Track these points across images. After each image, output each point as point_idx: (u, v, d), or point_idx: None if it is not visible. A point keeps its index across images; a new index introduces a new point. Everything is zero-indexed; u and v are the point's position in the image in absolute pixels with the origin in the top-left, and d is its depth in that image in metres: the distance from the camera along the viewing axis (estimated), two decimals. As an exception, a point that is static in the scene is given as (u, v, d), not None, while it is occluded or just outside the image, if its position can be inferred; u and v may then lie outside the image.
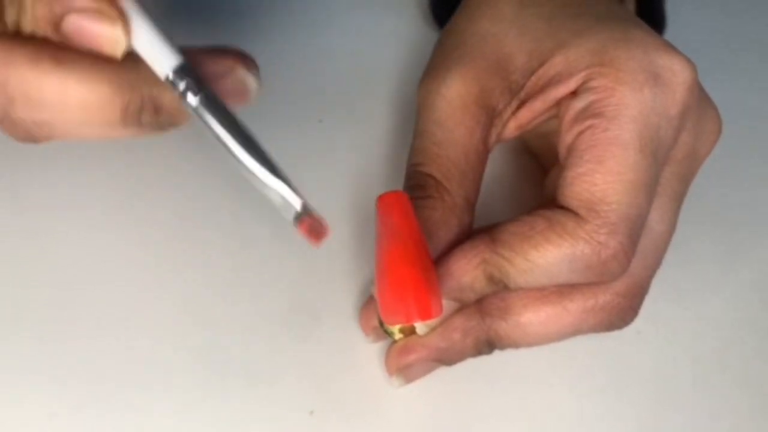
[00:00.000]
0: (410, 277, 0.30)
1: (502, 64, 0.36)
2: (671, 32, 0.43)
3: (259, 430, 0.34)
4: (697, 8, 0.48)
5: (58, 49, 0.27)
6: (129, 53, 0.28)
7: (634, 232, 0.32)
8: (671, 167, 0.34)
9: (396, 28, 0.46)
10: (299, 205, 0.29)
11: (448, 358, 0.35)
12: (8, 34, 0.27)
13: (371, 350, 0.36)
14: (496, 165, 0.40)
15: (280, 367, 0.35)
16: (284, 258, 0.38)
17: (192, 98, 0.28)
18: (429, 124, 0.36)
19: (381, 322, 0.35)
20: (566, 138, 0.34)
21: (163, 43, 0.28)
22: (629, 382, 0.36)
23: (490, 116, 0.36)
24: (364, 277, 0.37)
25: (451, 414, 0.35)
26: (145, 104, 0.28)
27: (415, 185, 0.35)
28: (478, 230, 0.34)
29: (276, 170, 0.29)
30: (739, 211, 0.41)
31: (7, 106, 0.27)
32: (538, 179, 0.39)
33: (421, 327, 0.34)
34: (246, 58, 0.30)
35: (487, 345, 0.35)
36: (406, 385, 0.35)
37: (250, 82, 0.30)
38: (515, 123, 0.36)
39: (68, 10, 0.26)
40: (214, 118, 0.28)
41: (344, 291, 0.37)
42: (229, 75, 0.29)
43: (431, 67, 0.38)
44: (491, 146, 0.36)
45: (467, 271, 0.33)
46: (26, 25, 0.27)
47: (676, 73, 0.33)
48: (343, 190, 0.39)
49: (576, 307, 0.34)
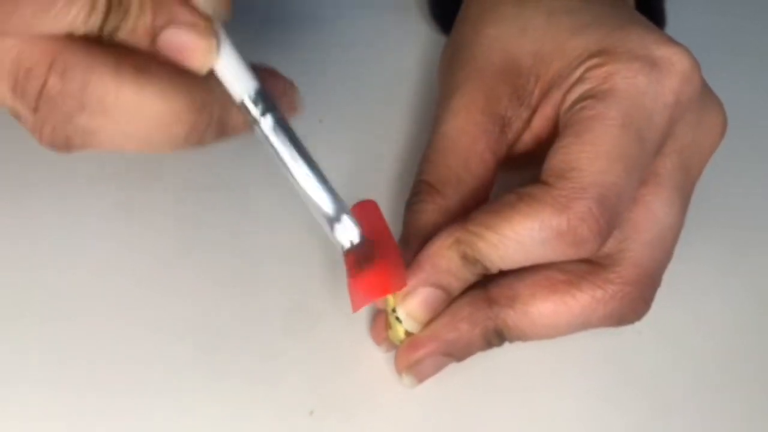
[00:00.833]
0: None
1: (509, 68, 0.36)
2: (671, 32, 0.43)
3: (259, 430, 0.34)
4: (697, 8, 0.48)
5: (140, 60, 0.27)
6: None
7: (607, 199, 0.31)
8: (671, 158, 0.34)
9: (396, 28, 0.46)
10: (357, 236, 0.30)
11: (457, 350, 0.34)
12: (93, 39, 0.26)
13: (371, 350, 0.36)
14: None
15: (280, 367, 0.35)
16: (284, 258, 0.38)
17: (265, 123, 0.28)
18: (435, 135, 0.37)
19: (388, 334, 0.35)
20: (560, 126, 0.34)
21: (243, 67, 0.28)
22: (629, 383, 0.36)
23: (498, 124, 0.36)
24: (364, 277, 0.37)
25: (450, 415, 0.35)
26: (213, 123, 0.28)
27: (412, 192, 0.36)
28: None
29: (338, 200, 0.30)
30: (741, 212, 0.41)
31: (75, 111, 0.26)
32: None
33: (408, 323, 0.34)
34: (290, 80, 0.31)
35: (496, 335, 0.34)
36: (418, 385, 0.34)
37: (300, 101, 0.30)
38: (530, 134, 0.36)
39: (170, 23, 0.26)
40: (285, 142, 0.29)
41: (344, 291, 0.37)
42: (287, 95, 0.30)
43: (444, 84, 0.38)
44: (501, 155, 0.36)
45: (441, 253, 0.33)
46: (122, 33, 0.26)
47: (674, 63, 0.33)
48: (343, 190, 0.39)
49: (585, 296, 0.34)
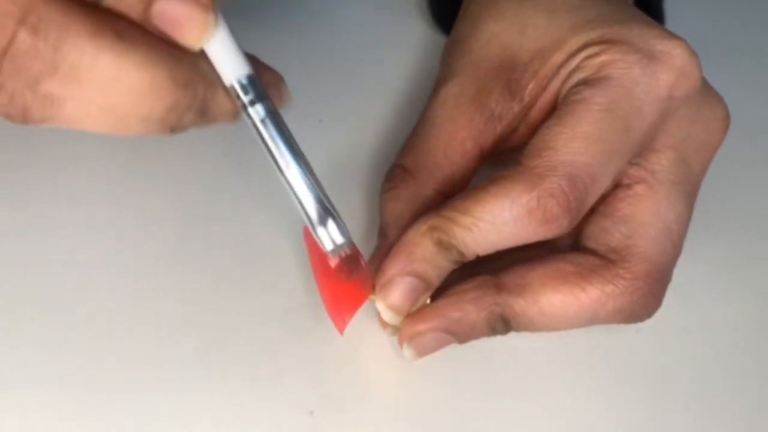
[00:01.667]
0: (330, 286, 0.32)
1: (505, 64, 0.36)
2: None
3: (259, 430, 0.34)
4: (696, 7, 0.48)
5: (122, 24, 0.24)
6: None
7: (578, 178, 0.31)
8: (666, 154, 0.34)
9: (396, 27, 0.46)
10: (341, 241, 0.30)
11: (460, 330, 0.34)
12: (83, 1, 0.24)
13: (371, 350, 0.36)
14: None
15: (280, 367, 0.35)
16: (284, 258, 0.38)
17: (256, 110, 0.27)
18: (419, 122, 0.37)
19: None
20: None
21: (237, 50, 0.26)
22: (629, 382, 0.36)
23: (485, 115, 0.36)
24: (364, 277, 0.37)
25: (450, 414, 0.35)
26: (194, 104, 0.26)
27: (386, 179, 0.36)
28: None
29: (325, 196, 0.29)
30: (742, 213, 0.41)
31: (44, 75, 0.24)
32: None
33: (387, 315, 0.34)
34: (279, 73, 0.29)
35: (502, 322, 0.34)
36: (418, 359, 0.34)
37: (290, 95, 0.29)
38: (526, 126, 0.36)
39: None
40: (275, 132, 0.28)
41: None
42: (277, 88, 0.29)
43: (438, 78, 0.38)
44: (487, 148, 0.36)
45: (416, 241, 0.33)
46: None
47: (673, 57, 0.33)
48: (343, 190, 0.39)
49: (595, 289, 0.34)
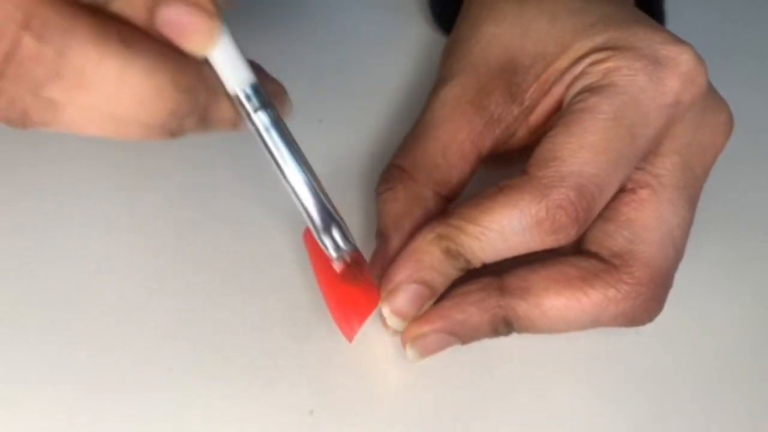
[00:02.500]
0: (335, 294, 0.32)
1: (506, 66, 0.36)
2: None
3: (259, 430, 0.34)
4: (697, 8, 0.48)
5: (126, 30, 0.24)
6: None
7: (586, 189, 0.32)
8: (670, 158, 0.34)
9: (396, 27, 0.46)
10: (346, 247, 0.31)
11: (463, 332, 0.34)
12: (79, 3, 0.24)
13: (371, 350, 0.36)
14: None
15: (280, 367, 0.35)
16: (284, 258, 0.38)
17: (260, 118, 0.27)
18: (418, 122, 0.37)
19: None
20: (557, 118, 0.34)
21: (240, 59, 0.26)
22: (629, 383, 0.36)
23: (484, 118, 0.35)
24: (363, 277, 0.37)
25: (450, 414, 0.35)
26: (196, 110, 0.26)
27: (382, 179, 0.36)
28: None
29: (330, 205, 0.30)
30: (743, 214, 0.41)
31: (47, 80, 0.23)
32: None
33: (393, 321, 0.34)
34: (281, 84, 0.29)
35: (505, 324, 0.34)
36: (421, 360, 0.34)
37: (290, 108, 0.29)
38: (527, 129, 0.36)
39: None
40: (280, 140, 0.28)
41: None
42: (279, 97, 0.29)
43: (438, 79, 0.38)
44: (486, 150, 0.36)
45: (423, 248, 0.33)
46: (118, 2, 0.24)
47: (679, 63, 0.33)
48: (343, 190, 0.39)
49: (597, 293, 0.34)
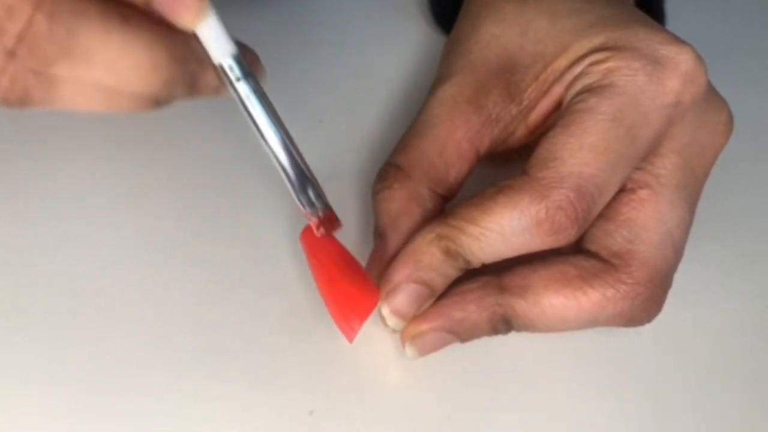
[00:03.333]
0: (336, 293, 0.33)
1: (505, 66, 0.36)
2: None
3: (259, 430, 0.34)
4: (698, 7, 0.48)
5: (125, 8, 0.27)
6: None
7: (586, 189, 0.32)
8: (670, 158, 0.34)
9: (396, 27, 0.46)
10: (320, 205, 0.32)
11: (462, 330, 0.34)
12: None
13: (371, 350, 0.36)
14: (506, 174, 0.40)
15: (280, 367, 0.35)
16: (284, 258, 0.38)
17: (243, 86, 0.30)
18: (415, 121, 0.37)
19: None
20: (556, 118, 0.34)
21: (225, 33, 0.29)
22: (629, 383, 0.36)
23: (482, 117, 0.35)
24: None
25: (450, 414, 0.35)
26: (185, 80, 0.28)
27: (378, 177, 0.36)
28: None
29: (305, 165, 0.31)
30: (744, 214, 0.41)
31: (57, 58, 0.26)
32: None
33: (392, 320, 0.34)
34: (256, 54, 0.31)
35: (504, 322, 0.34)
36: (420, 358, 0.34)
37: (264, 71, 0.31)
38: (525, 128, 0.36)
39: None
40: (260, 106, 0.30)
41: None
42: (255, 65, 0.30)
43: (436, 78, 0.38)
44: (483, 149, 0.36)
45: (423, 249, 0.33)
46: None
47: (679, 63, 0.33)
48: (343, 191, 0.39)
49: (596, 293, 0.34)
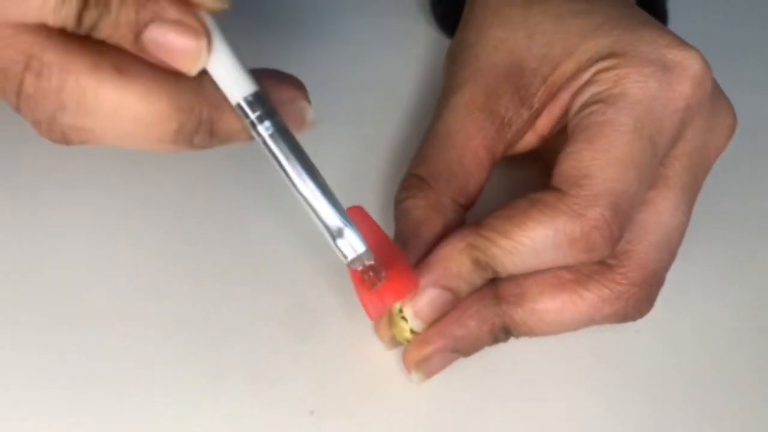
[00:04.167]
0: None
1: (513, 70, 0.36)
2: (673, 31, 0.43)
3: (259, 430, 0.34)
4: (699, 8, 0.48)
5: (121, 58, 0.26)
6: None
7: (619, 206, 0.32)
8: (680, 161, 0.35)
9: (397, 28, 0.46)
10: (361, 251, 0.29)
11: (465, 346, 0.34)
12: (74, 36, 0.25)
13: (372, 350, 0.36)
14: (514, 177, 0.40)
15: (280, 367, 0.35)
16: (284, 258, 0.38)
17: (264, 128, 0.27)
18: (431, 131, 0.37)
19: (394, 332, 0.35)
20: (569, 128, 0.34)
21: (240, 69, 0.26)
22: (628, 382, 0.36)
23: (495, 123, 0.36)
24: (364, 277, 0.37)
25: (450, 414, 0.35)
26: (202, 127, 0.27)
27: (402, 187, 0.36)
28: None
29: (341, 211, 0.29)
30: (742, 213, 0.41)
31: (56, 112, 0.26)
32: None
33: (415, 323, 0.34)
34: (303, 87, 0.29)
35: (504, 332, 0.34)
36: (427, 380, 0.34)
37: (310, 114, 0.29)
38: (534, 133, 0.37)
39: (155, 19, 0.25)
40: (285, 149, 0.27)
41: (344, 291, 0.37)
42: (292, 104, 0.28)
43: (446, 86, 0.38)
44: (498, 155, 0.36)
45: (453, 257, 0.33)
46: (104, 29, 0.25)
47: (686, 67, 0.33)
48: (343, 191, 0.39)
49: (592, 295, 0.34)
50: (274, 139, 0.27)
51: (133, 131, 0.26)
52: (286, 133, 0.27)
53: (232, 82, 0.26)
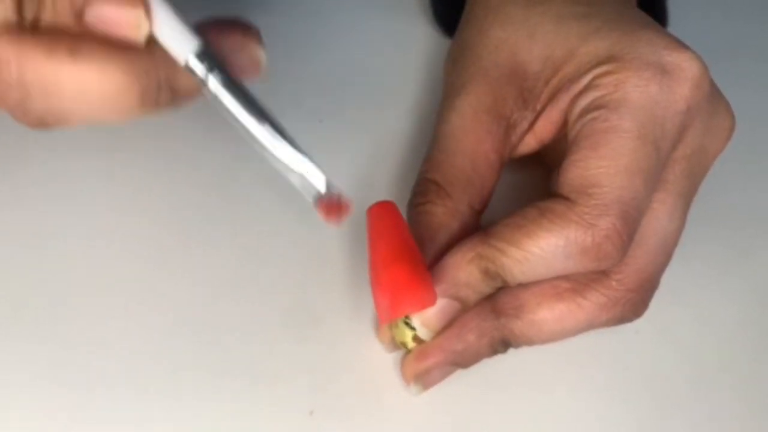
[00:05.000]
0: (398, 273, 0.32)
1: (516, 71, 0.36)
2: (672, 31, 0.43)
3: (259, 430, 0.34)
4: (699, 8, 0.48)
5: (73, 39, 0.27)
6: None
7: (629, 215, 0.32)
8: (679, 164, 0.34)
9: (397, 28, 0.46)
10: (323, 182, 0.29)
11: (464, 360, 0.34)
12: (23, 27, 0.27)
13: (372, 350, 0.36)
14: (515, 178, 0.40)
15: (280, 367, 0.35)
16: (284, 258, 0.38)
17: (211, 82, 0.28)
18: (440, 134, 0.37)
19: (393, 334, 0.35)
20: (570, 134, 0.34)
21: (182, 28, 0.27)
22: (627, 382, 0.36)
23: (502, 125, 0.36)
24: (364, 277, 0.37)
25: (450, 414, 0.35)
26: (162, 87, 0.28)
27: (418, 192, 0.36)
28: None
29: (298, 148, 0.29)
30: (741, 212, 0.41)
31: (24, 99, 0.27)
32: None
33: (423, 332, 0.34)
34: (254, 31, 0.29)
35: (503, 344, 0.35)
36: (425, 392, 0.35)
37: (262, 56, 0.29)
38: (533, 136, 0.37)
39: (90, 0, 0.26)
40: (234, 99, 0.28)
41: (344, 291, 0.37)
42: (242, 51, 0.29)
43: (449, 84, 0.38)
44: (505, 157, 0.36)
45: (461, 266, 0.33)
46: (46, 18, 0.26)
47: (685, 70, 0.33)
48: (342, 190, 0.39)
49: (590, 303, 0.34)
50: (223, 92, 0.28)
51: (101, 105, 0.27)
52: (234, 86, 0.28)
53: (176, 41, 0.27)
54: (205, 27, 0.28)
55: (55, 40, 0.27)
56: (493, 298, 0.34)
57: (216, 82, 0.28)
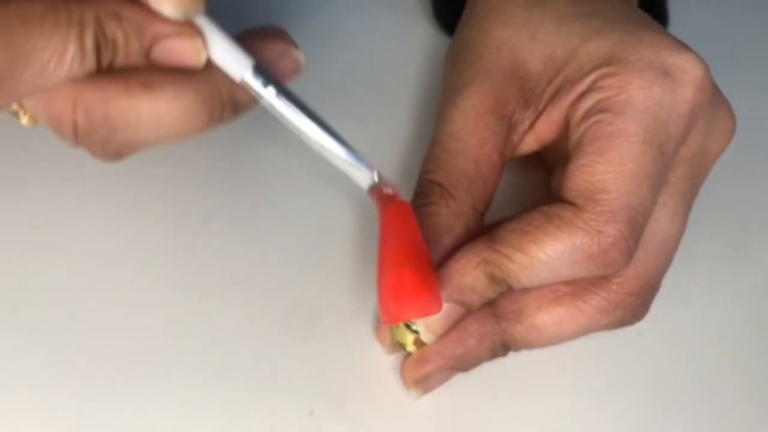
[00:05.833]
0: (406, 277, 0.31)
1: (517, 71, 0.36)
2: (673, 31, 0.43)
3: (259, 430, 0.33)
4: (699, 8, 0.48)
5: (144, 75, 0.29)
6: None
7: (636, 221, 0.32)
8: (681, 167, 0.34)
9: (397, 27, 0.46)
10: (375, 174, 0.32)
11: (464, 364, 0.35)
12: (101, 72, 0.29)
13: (372, 350, 0.36)
14: (515, 179, 0.40)
15: (280, 367, 0.35)
16: (285, 257, 0.38)
17: (268, 95, 0.30)
18: (442, 134, 0.36)
19: (393, 335, 0.35)
20: (573, 137, 0.34)
21: (236, 49, 0.30)
22: (630, 384, 0.36)
23: (505, 126, 0.36)
24: (364, 277, 0.37)
25: (450, 414, 0.35)
26: (225, 104, 0.30)
27: (421, 192, 0.35)
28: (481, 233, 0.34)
29: (347, 144, 0.32)
30: (743, 212, 0.41)
31: (109, 136, 0.30)
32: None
33: (426, 336, 0.34)
34: (286, 36, 0.32)
35: (503, 348, 0.35)
36: (424, 396, 0.35)
37: (302, 58, 0.32)
38: (533, 136, 0.36)
39: (156, 39, 0.29)
40: (288, 106, 0.31)
41: (344, 291, 0.37)
42: (285, 56, 0.31)
43: (449, 83, 0.38)
44: (507, 157, 0.36)
45: (467, 271, 0.33)
46: (120, 63, 0.29)
47: (687, 71, 0.33)
48: (343, 191, 0.39)
49: (590, 308, 0.34)
50: (279, 101, 0.31)
51: (174, 128, 0.30)
52: (287, 93, 0.31)
53: (231, 62, 0.30)
54: (247, 39, 0.30)
55: (129, 77, 0.29)
56: (493, 302, 0.34)
57: (271, 94, 0.30)
